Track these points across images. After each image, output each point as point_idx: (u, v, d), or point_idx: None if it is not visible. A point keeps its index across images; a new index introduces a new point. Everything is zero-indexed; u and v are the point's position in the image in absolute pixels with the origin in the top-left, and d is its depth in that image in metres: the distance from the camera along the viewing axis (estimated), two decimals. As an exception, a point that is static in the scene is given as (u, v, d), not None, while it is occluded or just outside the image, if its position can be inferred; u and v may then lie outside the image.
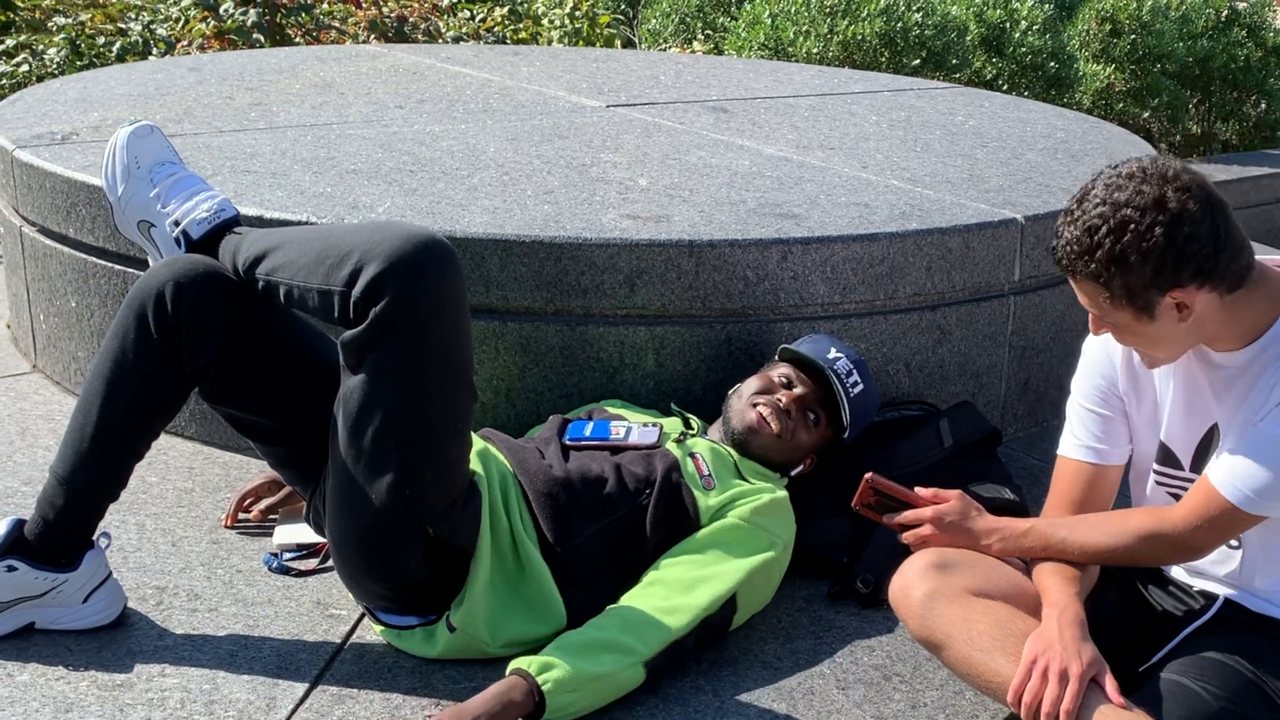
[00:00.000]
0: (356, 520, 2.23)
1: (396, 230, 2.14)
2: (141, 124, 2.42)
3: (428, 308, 2.12)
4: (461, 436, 2.26)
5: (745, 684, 2.28)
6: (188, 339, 2.26)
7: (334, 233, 2.23)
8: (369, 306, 2.10)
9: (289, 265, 2.22)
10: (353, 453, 2.19)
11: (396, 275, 2.09)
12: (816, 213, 3.09)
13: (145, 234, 2.42)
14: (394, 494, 2.17)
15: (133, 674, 2.22)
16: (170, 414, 2.35)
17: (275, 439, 2.42)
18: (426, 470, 2.21)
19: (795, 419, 2.61)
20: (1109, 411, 2.24)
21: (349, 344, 2.15)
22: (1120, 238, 1.93)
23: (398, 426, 2.16)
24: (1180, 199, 1.92)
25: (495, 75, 4.86)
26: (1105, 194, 1.96)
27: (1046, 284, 3.27)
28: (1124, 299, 1.97)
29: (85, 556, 2.29)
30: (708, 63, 5.66)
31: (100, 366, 2.28)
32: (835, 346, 2.71)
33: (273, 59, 5.07)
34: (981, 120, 4.44)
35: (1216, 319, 2.01)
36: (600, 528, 2.39)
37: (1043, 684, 1.96)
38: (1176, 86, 7.75)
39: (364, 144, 3.61)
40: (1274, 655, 2.08)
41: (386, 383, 2.14)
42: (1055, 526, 2.21)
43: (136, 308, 2.26)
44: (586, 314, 2.86)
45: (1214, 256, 1.93)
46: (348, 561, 2.31)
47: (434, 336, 2.14)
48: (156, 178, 2.40)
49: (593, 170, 3.42)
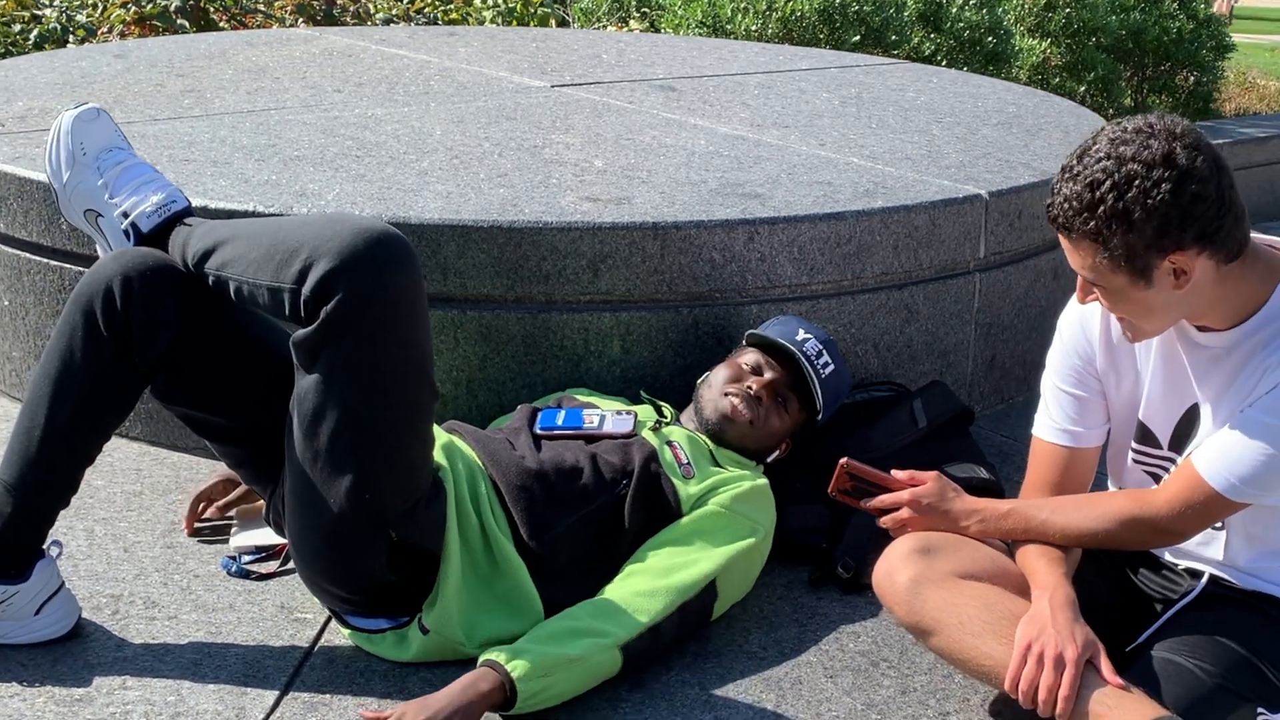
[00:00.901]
0: (316, 524, 2.15)
1: (347, 225, 2.04)
2: (87, 107, 2.28)
3: (381, 306, 2.03)
4: (421, 437, 2.18)
5: (731, 675, 2.22)
6: (138, 334, 2.16)
7: (283, 226, 2.13)
8: (320, 305, 2.01)
9: (238, 261, 2.12)
10: (309, 455, 2.10)
11: (347, 272, 1.99)
12: (780, 192, 3.03)
13: (92, 223, 2.30)
14: (352, 498, 2.09)
15: (92, 687, 2.12)
16: (122, 414, 2.25)
17: (231, 437, 2.33)
18: (385, 473, 2.12)
19: (767, 405, 2.56)
20: (1084, 392, 2.20)
21: (301, 344, 2.06)
22: (1124, 193, 1.85)
23: (353, 429, 2.07)
24: (1189, 156, 1.85)
25: (433, 57, 4.75)
26: (1110, 148, 1.88)
27: (1011, 260, 3.24)
28: (1123, 260, 1.89)
29: (36, 567, 2.18)
30: (648, 41, 5.58)
31: (47, 367, 2.17)
32: (803, 328, 2.65)
33: (201, 44, 4.91)
34: (932, 96, 4.41)
35: (1209, 291, 1.95)
36: (576, 520, 2.31)
37: (1038, 670, 1.92)
38: (1111, 60, 7.77)
39: (305, 129, 3.49)
40: (1262, 630, 2.06)
41: (340, 383, 2.06)
42: (1037, 508, 2.16)
43: (84, 304, 2.15)
44: (549, 301, 2.78)
45: (1218, 219, 1.87)
46: (309, 565, 2.22)
47: (388, 335, 2.05)
48: (103, 165, 2.27)
49: (545, 152, 3.34)
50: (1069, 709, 1.90)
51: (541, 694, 2.05)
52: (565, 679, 2.08)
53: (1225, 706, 1.94)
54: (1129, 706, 1.87)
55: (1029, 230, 3.25)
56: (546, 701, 2.07)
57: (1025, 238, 3.25)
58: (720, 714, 2.12)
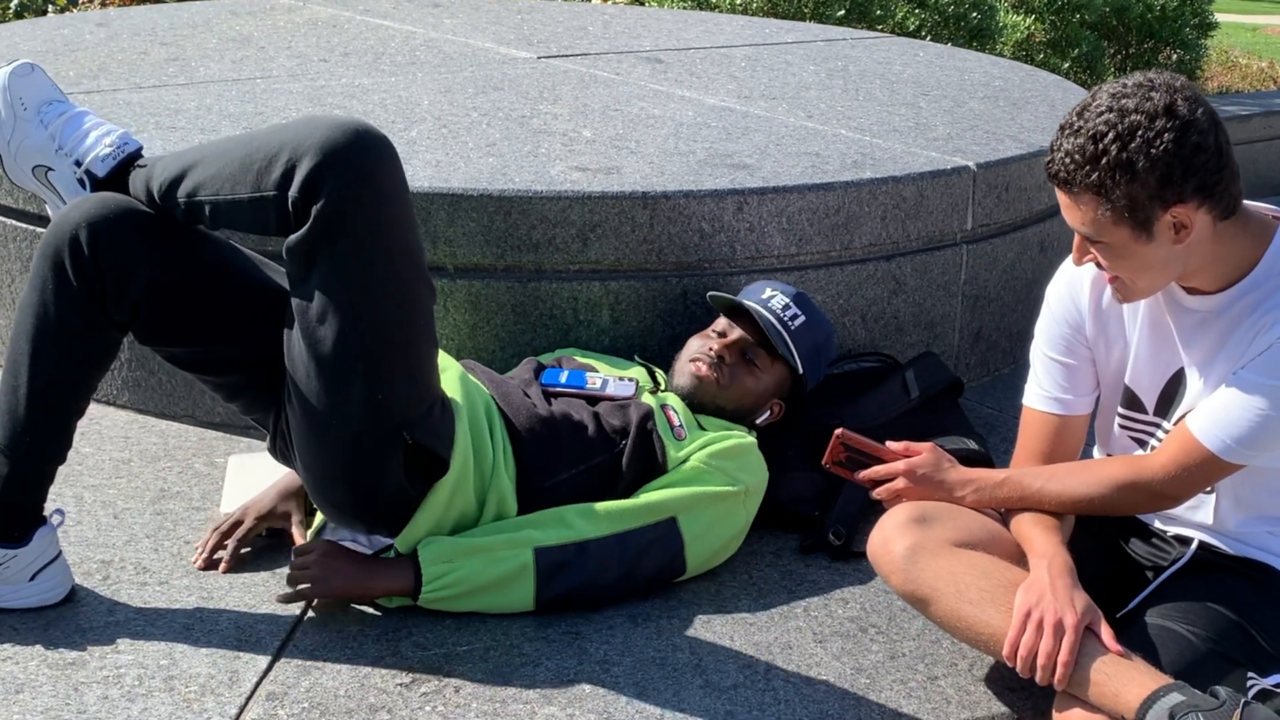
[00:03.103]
0: (331, 439, 2.12)
1: (323, 121, 2.01)
2: (20, 63, 2.22)
3: (371, 197, 2.00)
4: (427, 334, 2.16)
5: (722, 641, 2.24)
6: (110, 281, 2.11)
7: (255, 137, 2.08)
8: (309, 204, 1.97)
9: (212, 180, 2.07)
10: (314, 366, 2.06)
11: (333, 167, 1.96)
12: (769, 163, 3.03)
13: (43, 179, 2.23)
14: (366, 403, 2.07)
15: (85, 651, 2.12)
16: (105, 364, 2.21)
17: (222, 369, 2.28)
18: (396, 371, 2.10)
19: (733, 363, 2.57)
20: (1074, 360, 2.21)
21: (295, 249, 2.02)
22: (1128, 143, 1.86)
23: (359, 328, 2.04)
24: (1190, 108, 1.87)
25: (418, 27, 4.73)
26: (1111, 102, 1.89)
27: (998, 232, 3.25)
28: (1125, 212, 1.90)
29: (36, 533, 2.17)
30: (634, 13, 5.57)
31: (22, 324, 2.13)
32: (771, 286, 2.67)
33: (184, 13, 4.88)
34: (919, 69, 4.42)
35: (1205, 249, 1.96)
36: (577, 472, 2.35)
37: (1038, 636, 1.93)
38: (1095, 37, 7.78)
39: (292, 98, 3.48)
40: (1252, 595, 2.08)
41: (340, 283, 2.03)
42: (1031, 476, 2.18)
43: (52, 257, 2.10)
44: (538, 269, 2.78)
45: (1217, 172, 1.89)
46: (327, 490, 2.20)
47: (381, 226, 2.02)
48: (46, 118, 2.20)
49: (534, 122, 3.33)
50: (1068, 675, 1.90)
51: (446, 578, 2.14)
52: (471, 565, 2.16)
53: (1218, 671, 1.95)
54: (1129, 673, 1.88)
55: (1016, 202, 3.27)
56: (454, 589, 2.16)
57: (1012, 210, 3.26)
58: (710, 678, 2.13)
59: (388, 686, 2.07)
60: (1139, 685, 1.85)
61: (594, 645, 2.20)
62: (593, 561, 2.25)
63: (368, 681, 2.08)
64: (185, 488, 2.68)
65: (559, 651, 2.18)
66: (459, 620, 2.24)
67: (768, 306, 2.60)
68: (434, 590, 2.18)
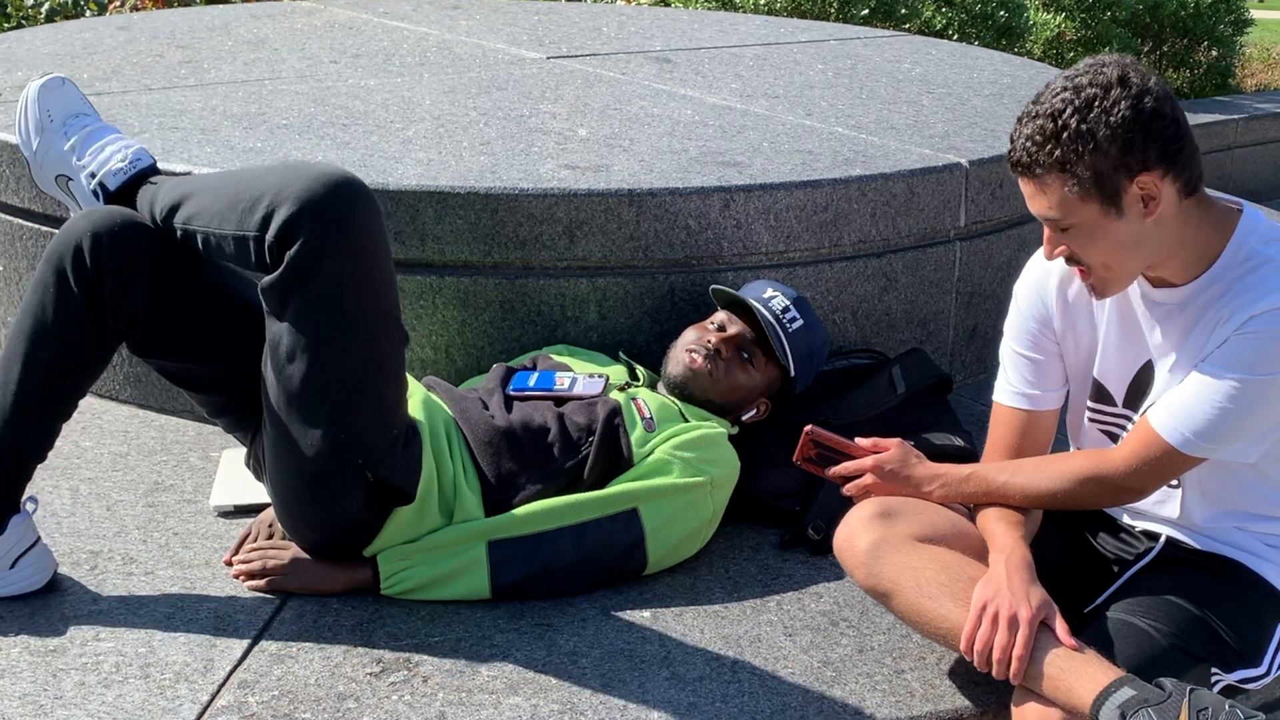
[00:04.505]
0: (296, 467, 2.21)
1: (306, 170, 2.10)
2: (52, 76, 2.36)
3: (344, 248, 2.09)
4: (394, 377, 2.24)
5: (692, 634, 2.25)
6: (110, 291, 2.20)
7: (245, 176, 2.19)
8: (284, 250, 2.07)
9: (203, 213, 2.18)
10: (283, 399, 2.17)
11: (309, 217, 2.06)
12: (759, 160, 3.04)
13: (64, 188, 2.36)
14: (328, 438, 2.16)
15: (65, 638, 2.17)
16: (96, 371, 2.28)
17: (208, 387, 2.38)
18: (359, 412, 2.19)
19: (728, 358, 2.59)
20: (1041, 355, 2.22)
21: (269, 289, 2.12)
22: (1086, 115, 1.88)
23: (324, 370, 2.14)
24: (1141, 77, 1.90)
25: (434, 29, 4.78)
26: (1065, 83, 1.93)
27: (993, 229, 3.25)
28: (1091, 186, 1.90)
29: (11, 521, 2.23)
30: (651, 14, 5.59)
31: (20, 324, 2.22)
32: (773, 287, 2.68)
33: (205, 16, 4.96)
34: (928, 68, 4.41)
35: (1172, 230, 1.96)
36: (542, 477, 2.38)
37: (993, 630, 1.93)
38: (1127, 34, 7.73)
39: (296, 99, 3.53)
40: (1217, 590, 2.08)
41: (309, 326, 2.12)
42: (996, 471, 2.18)
43: (55, 262, 2.20)
44: (525, 266, 2.81)
45: (1178, 140, 1.91)
46: (290, 508, 2.29)
47: (352, 276, 2.12)
48: (70, 130, 2.34)
49: (531, 121, 3.36)
50: (1023, 669, 1.91)
51: (402, 573, 2.27)
52: (426, 561, 2.27)
53: (1179, 666, 1.96)
54: (1082, 668, 1.88)
55: (1011, 199, 3.26)
56: (410, 581, 2.27)
57: (1007, 207, 3.25)
58: (677, 669, 2.15)
59: (358, 675, 2.10)
60: (1091, 680, 1.85)
61: (564, 637, 2.23)
62: (547, 550, 2.29)
63: (338, 670, 2.12)
64: (179, 481, 2.73)
65: (529, 643, 2.21)
66: (433, 611, 2.27)
67: (768, 307, 2.62)
68: (391, 586, 2.28)
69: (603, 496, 2.34)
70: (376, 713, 2.02)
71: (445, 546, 2.28)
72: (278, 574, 2.30)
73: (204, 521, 2.57)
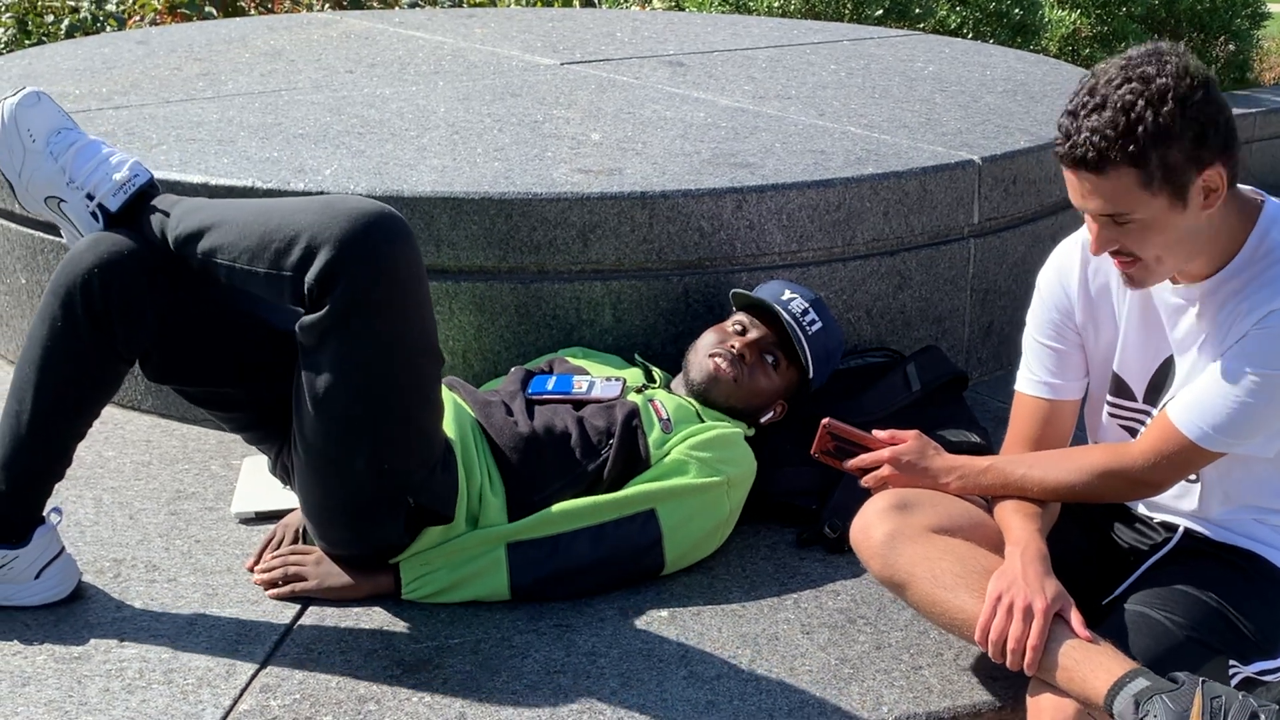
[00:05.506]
0: (336, 497, 2.23)
1: (343, 208, 2.07)
2: (27, 92, 2.22)
3: (385, 287, 2.07)
4: (432, 404, 2.25)
5: (710, 632, 2.26)
6: (120, 325, 2.17)
7: (275, 211, 2.14)
8: (325, 293, 2.05)
9: (230, 247, 2.13)
10: (322, 432, 2.15)
11: (351, 258, 2.03)
12: (771, 161, 3.05)
13: (55, 209, 2.25)
14: (373, 469, 2.16)
15: (90, 646, 2.19)
16: (107, 395, 2.27)
17: (229, 406, 2.39)
18: (402, 444, 2.20)
19: (751, 362, 2.60)
20: (1063, 345, 2.22)
21: (309, 328, 2.09)
22: (1160, 108, 1.84)
23: (367, 406, 2.13)
24: (1198, 67, 1.87)
25: (449, 38, 4.80)
26: (1126, 73, 1.87)
27: (1006, 226, 3.25)
28: (1163, 180, 1.87)
29: (35, 533, 2.25)
30: (665, 18, 5.61)
31: (30, 353, 2.20)
32: (790, 289, 2.69)
33: (222, 30, 5.00)
34: (941, 66, 4.41)
35: (1216, 222, 1.95)
36: (565, 482, 2.40)
37: (1007, 620, 1.94)
38: (1144, 30, 7.69)
39: (312, 109, 3.56)
40: (1235, 583, 2.07)
41: (350, 364, 2.11)
42: (1014, 464, 2.19)
43: (63, 296, 2.15)
44: (540, 271, 2.83)
45: (1232, 131, 1.89)
46: (327, 532, 2.31)
47: (394, 314, 2.10)
48: (56, 149, 2.21)
49: (545, 126, 3.38)
50: (1037, 660, 1.92)
51: (423, 578, 2.29)
52: (446, 564, 2.28)
53: (1196, 658, 1.95)
54: (1096, 659, 1.89)
55: (1025, 195, 3.26)
56: (431, 586, 2.29)
57: (1021, 203, 3.25)
58: (695, 668, 2.16)
59: (378, 678, 2.13)
60: (1106, 671, 1.85)
61: (583, 637, 2.24)
62: (566, 551, 2.30)
63: (359, 673, 2.14)
64: (200, 489, 2.76)
65: (548, 644, 2.22)
66: (452, 613, 2.29)
67: (788, 309, 2.63)
68: (413, 591, 2.30)
69: (620, 498, 2.35)
70: (397, 715, 2.03)
71: (465, 550, 2.30)
72: (299, 580, 2.32)
73: (226, 528, 2.59)
